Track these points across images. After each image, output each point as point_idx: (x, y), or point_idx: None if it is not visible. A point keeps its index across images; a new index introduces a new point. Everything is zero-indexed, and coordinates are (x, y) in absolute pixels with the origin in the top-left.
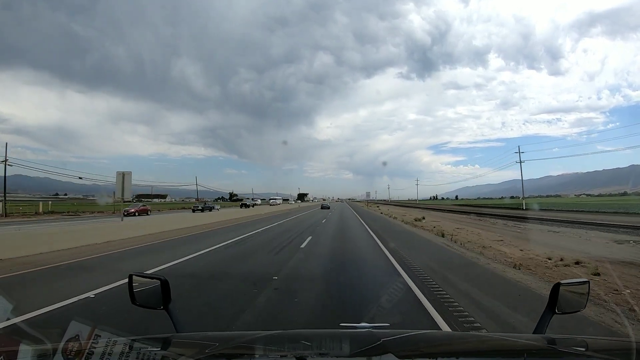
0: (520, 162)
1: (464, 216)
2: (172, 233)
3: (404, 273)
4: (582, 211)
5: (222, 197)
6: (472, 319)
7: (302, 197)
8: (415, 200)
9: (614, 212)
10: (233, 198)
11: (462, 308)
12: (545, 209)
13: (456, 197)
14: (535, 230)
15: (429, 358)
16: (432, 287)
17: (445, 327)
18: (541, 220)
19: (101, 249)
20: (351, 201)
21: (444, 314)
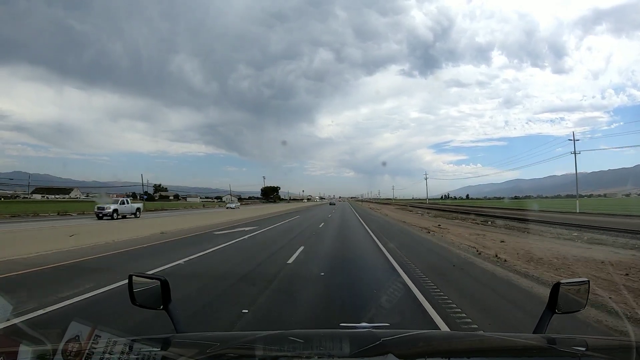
0: (575, 153)
1: None
2: None
3: None
4: None
5: (147, 192)
6: None
7: (268, 193)
8: (425, 199)
9: None
10: (157, 194)
11: None
12: None
13: (467, 196)
14: None
15: (429, 358)
16: None
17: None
18: None
19: None
20: (354, 200)
21: None
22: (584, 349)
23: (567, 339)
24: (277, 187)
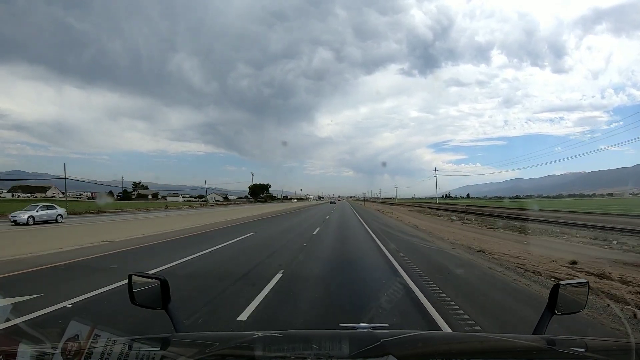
0: None
1: None
2: None
3: None
4: None
5: (125, 191)
6: None
7: (257, 191)
8: (428, 198)
9: None
10: (135, 193)
11: None
12: None
13: (468, 195)
14: None
15: (429, 359)
16: None
17: None
18: None
19: None
20: (354, 200)
21: None
22: (583, 350)
23: (566, 340)
24: (267, 184)
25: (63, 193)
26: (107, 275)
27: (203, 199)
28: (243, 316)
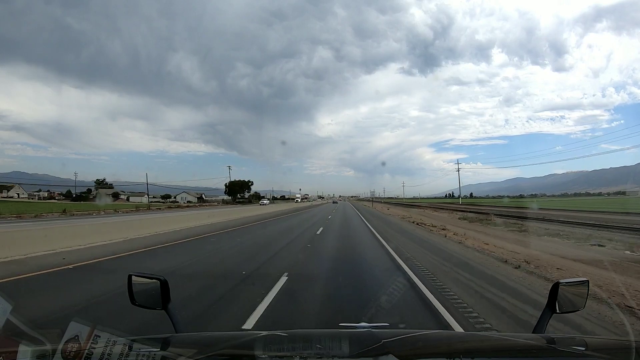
0: None
1: None
2: None
3: None
4: None
5: (89, 189)
6: None
7: (236, 190)
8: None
9: None
10: (94, 192)
11: None
12: None
13: (471, 194)
14: None
15: (429, 358)
16: None
17: None
18: None
19: None
20: (356, 199)
21: None
22: (583, 348)
23: (566, 338)
24: (249, 181)
25: (28, 193)
26: None
27: (174, 199)
28: None
